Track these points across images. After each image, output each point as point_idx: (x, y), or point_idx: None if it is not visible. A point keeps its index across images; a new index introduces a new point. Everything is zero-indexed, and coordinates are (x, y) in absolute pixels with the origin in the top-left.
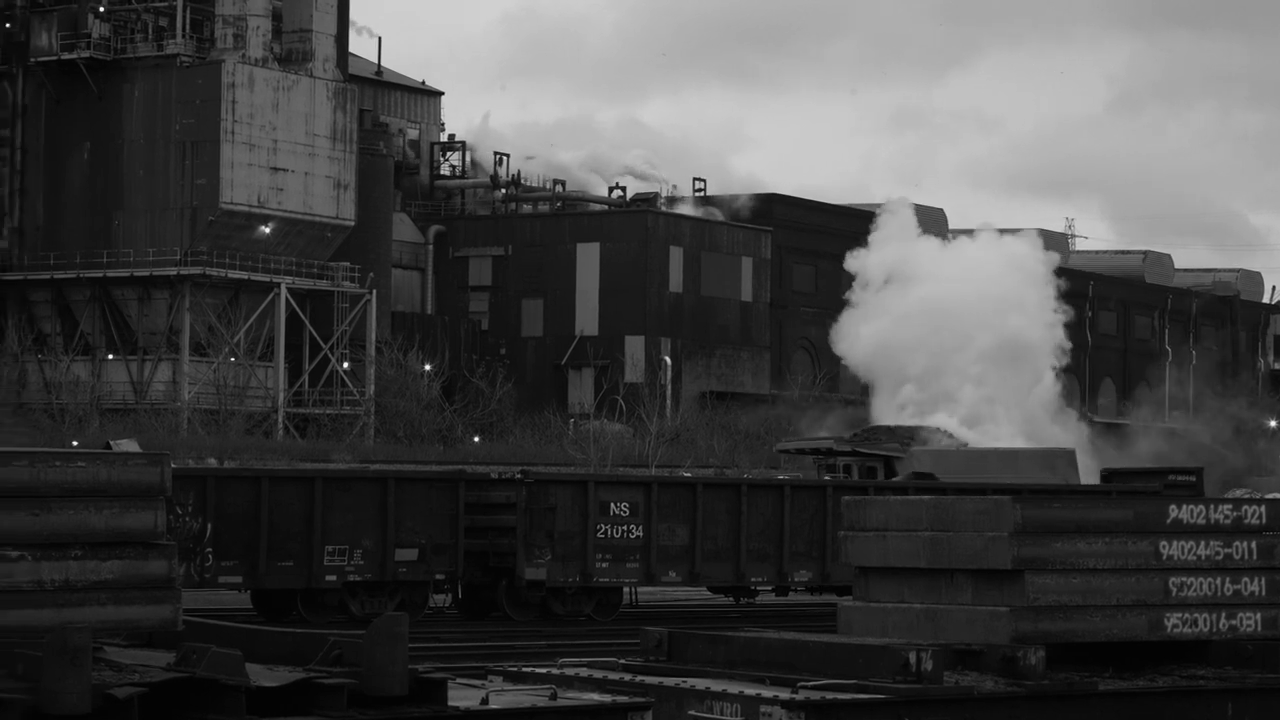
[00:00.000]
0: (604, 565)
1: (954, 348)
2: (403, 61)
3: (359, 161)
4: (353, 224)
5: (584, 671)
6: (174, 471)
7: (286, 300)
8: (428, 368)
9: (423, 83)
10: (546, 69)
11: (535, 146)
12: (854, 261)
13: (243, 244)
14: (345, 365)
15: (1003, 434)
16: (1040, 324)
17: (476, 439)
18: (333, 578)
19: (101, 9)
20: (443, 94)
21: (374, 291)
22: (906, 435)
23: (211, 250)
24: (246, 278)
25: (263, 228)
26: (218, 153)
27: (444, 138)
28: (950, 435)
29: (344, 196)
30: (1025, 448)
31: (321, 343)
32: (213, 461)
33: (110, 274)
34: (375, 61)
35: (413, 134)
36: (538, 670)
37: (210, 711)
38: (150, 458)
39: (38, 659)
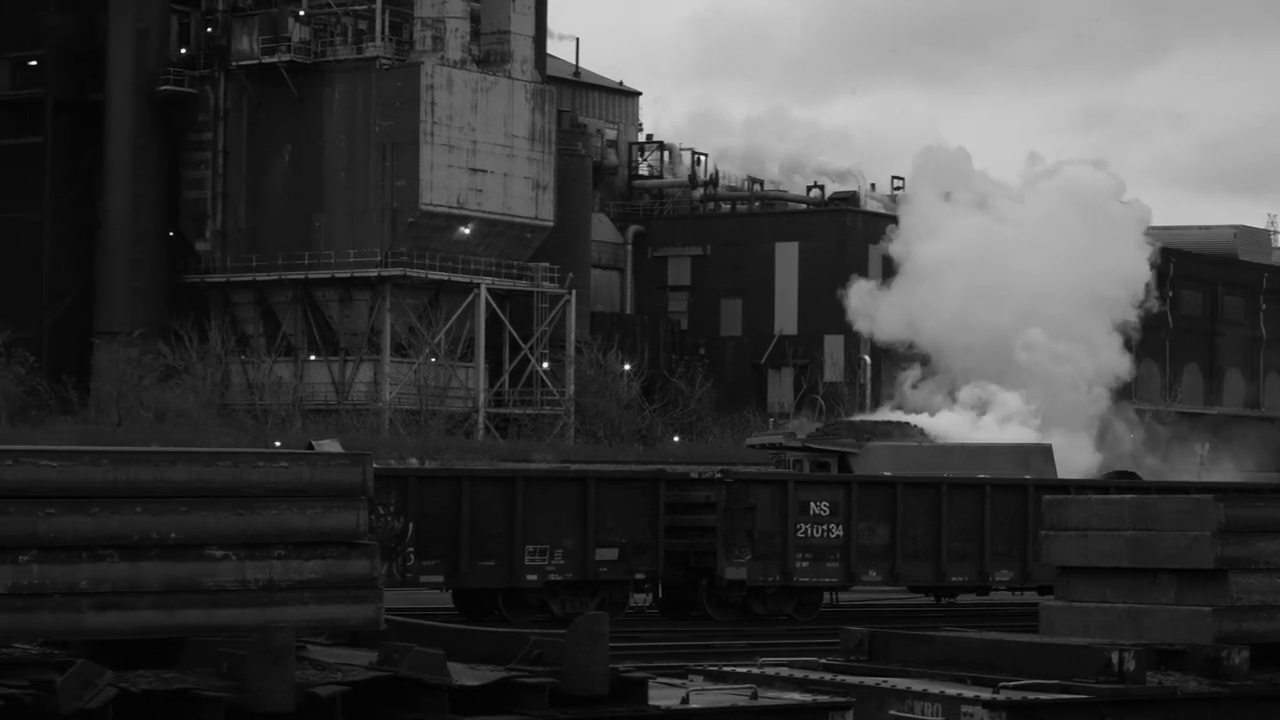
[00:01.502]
0: (804, 565)
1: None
2: (600, 62)
3: (558, 162)
4: (552, 224)
5: (784, 671)
6: (376, 472)
7: (486, 301)
8: (627, 367)
9: (620, 83)
10: (735, 68)
11: (731, 145)
12: (898, 247)
13: (443, 245)
14: (545, 365)
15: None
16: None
17: (676, 439)
18: (533, 577)
19: (302, 13)
20: (640, 94)
21: (573, 292)
22: (870, 431)
23: (412, 251)
24: (446, 278)
25: (462, 229)
26: (417, 154)
27: (642, 138)
28: (922, 431)
29: (543, 197)
30: (997, 443)
31: (521, 343)
32: (414, 462)
33: (312, 275)
34: (573, 63)
35: (611, 134)
36: (738, 670)
37: (412, 710)
38: (352, 458)
39: (242, 658)
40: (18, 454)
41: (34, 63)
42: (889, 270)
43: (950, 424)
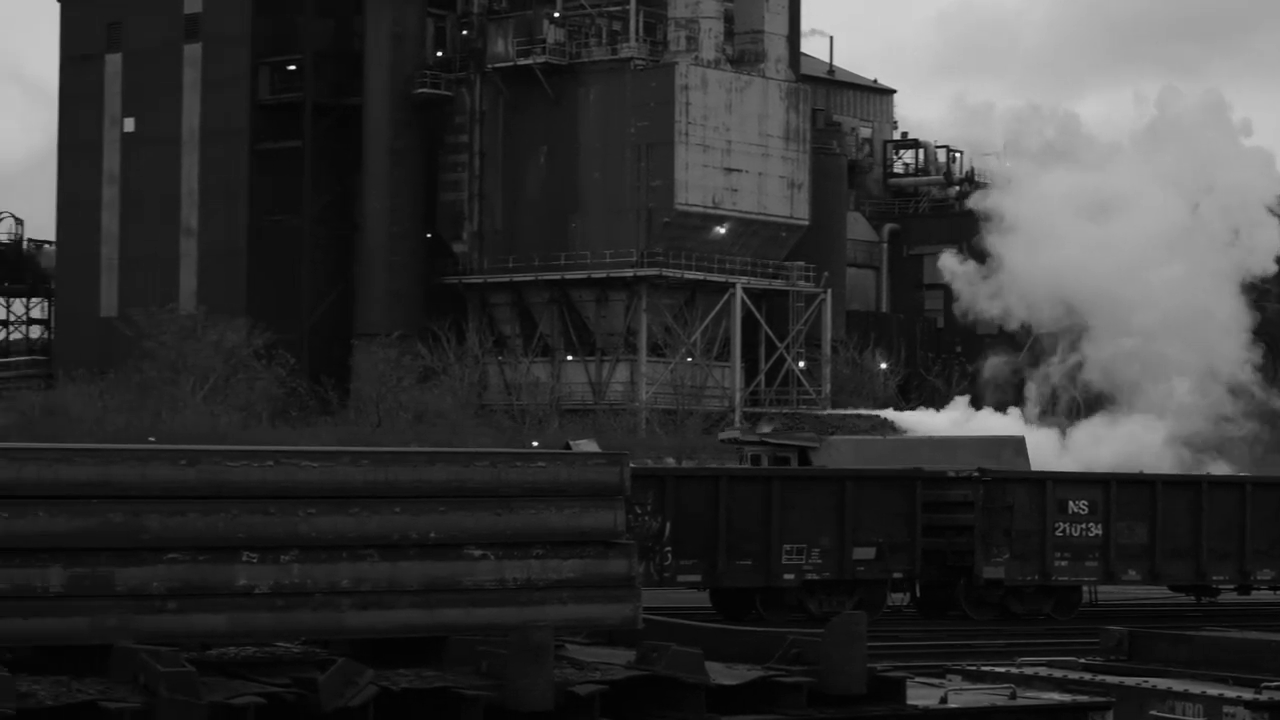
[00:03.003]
0: (1062, 564)
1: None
2: (853, 61)
3: (812, 161)
4: (807, 223)
5: (1043, 671)
6: (633, 471)
7: (742, 300)
8: (884, 366)
9: (875, 81)
10: (981, 65)
11: (984, 141)
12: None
13: (698, 245)
14: (801, 364)
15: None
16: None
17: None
18: (791, 576)
19: (556, 14)
20: (895, 92)
21: (829, 290)
22: (835, 424)
23: (667, 251)
24: (702, 278)
25: (718, 228)
26: (672, 154)
27: (896, 135)
28: (891, 424)
29: (798, 196)
30: (965, 436)
31: (777, 342)
32: (671, 461)
33: (568, 276)
34: (827, 61)
35: (865, 132)
36: (996, 669)
37: (670, 709)
38: (609, 457)
39: (502, 657)
40: (279, 454)
41: (292, 68)
42: None
43: (922, 417)
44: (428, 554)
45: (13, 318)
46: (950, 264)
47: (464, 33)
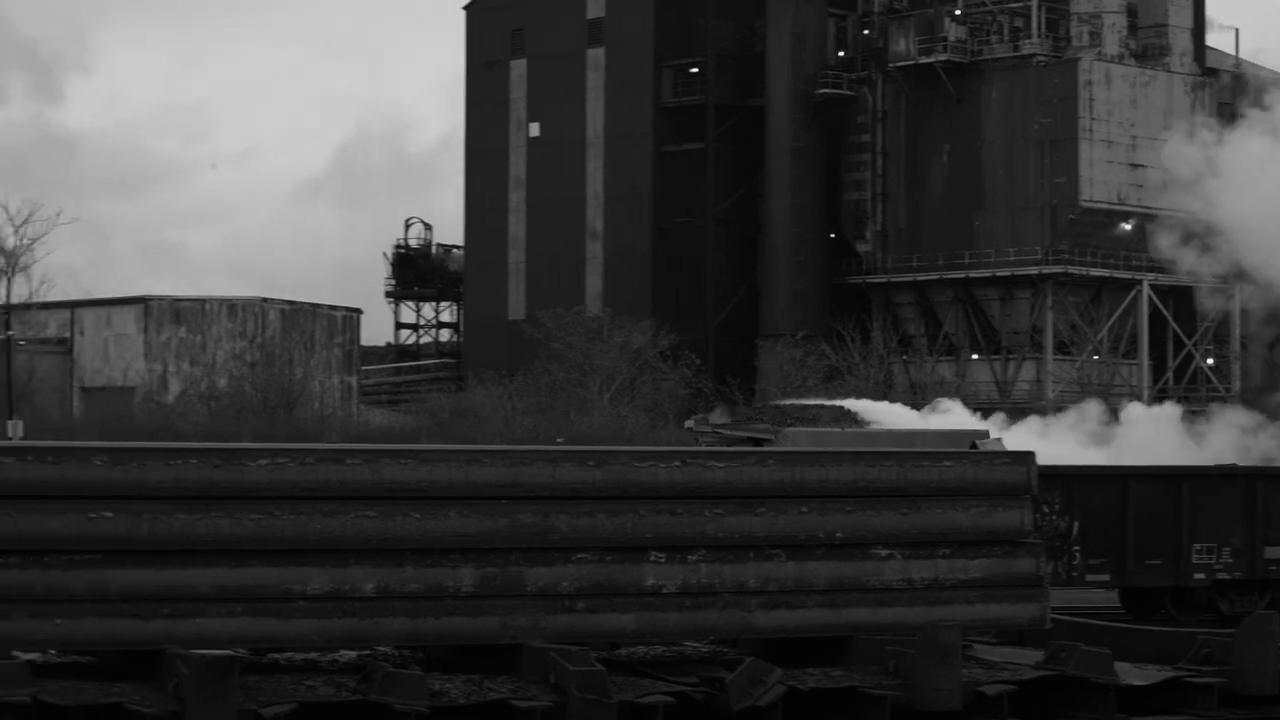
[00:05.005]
0: None
1: None
2: (1262, 54)
3: None
4: None
5: None
6: (1040, 470)
7: (1149, 297)
8: None
9: None
10: None
11: None
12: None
13: (1103, 241)
14: (1209, 361)
15: None
16: None
17: None
18: (1201, 576)
19: (958, 12)
20: None
21: (1239, 286)
22: (796, 415)
23: (1072, 248)
24: (1108, 275)
25: (1123, 224)
26: (1076, 151)
27: None
28: (855, 415)
29: None
30: (927, 429)
31: (1185, 338)
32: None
33: (972, 274)
34: (1233, 54)
35: None
36: None
37: (1080, 709)
38: (1016, 456)
39: (910, 656)
40: (686, 455)
41: (694, 70)
42: None
43: (893, 410)
44: (834, 553)
45: (423, 321)
46: None
47: (865, 32)
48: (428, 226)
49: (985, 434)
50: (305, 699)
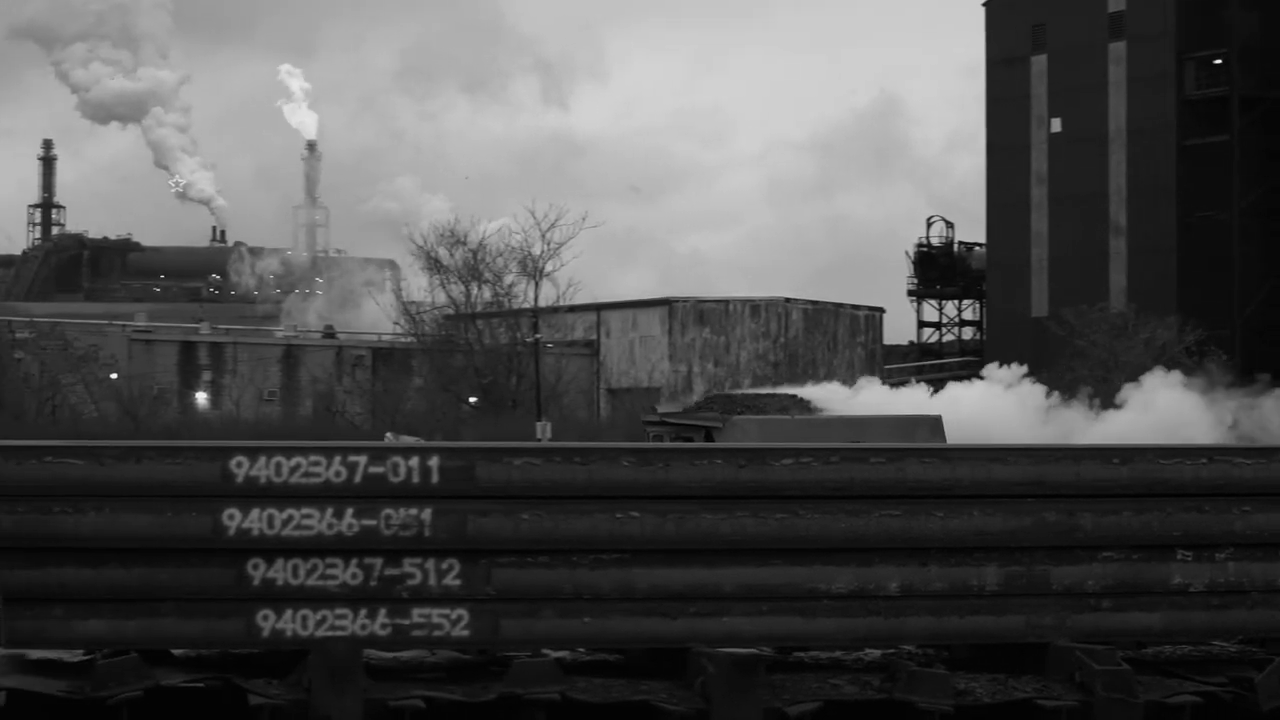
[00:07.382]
0: None
1: None
2: None
3: None
4: None
5: None
6: None
7: None
8: None
9: None
10: None
11: None
12: None
13: None
14: None
15: None
16: None
17: None
18: None
19: None
20: None
21: None
22: (748, 404)
23: None
24: None
25: None
26: None
27: None
28: (806, 403)
29: None
30: (878, 415)
31: None
32: None
33: None
34: None
35: None
36: None
37: None
38: None
39: None
40: (1213, 452)
41: (1218, 61)
42: None
43: (829, 389)
44: None
45: (945, 319)
46: None
47: None
48: (949, 224)
49: (937, 419)
50: (830, 697)
